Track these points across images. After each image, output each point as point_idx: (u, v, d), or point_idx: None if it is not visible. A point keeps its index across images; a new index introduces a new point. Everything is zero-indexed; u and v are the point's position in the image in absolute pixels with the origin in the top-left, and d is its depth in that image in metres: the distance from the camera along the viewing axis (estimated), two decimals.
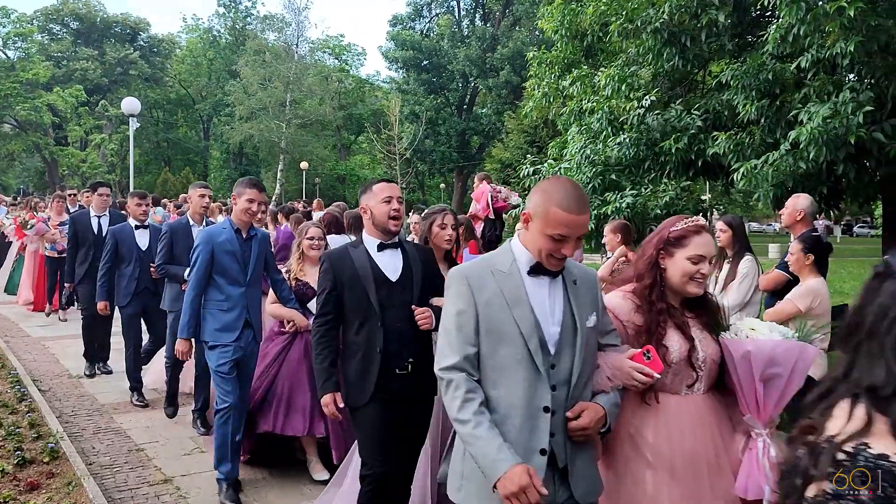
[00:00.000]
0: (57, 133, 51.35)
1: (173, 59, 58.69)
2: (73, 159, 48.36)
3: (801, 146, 5.99)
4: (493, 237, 9.40)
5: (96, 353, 8.05)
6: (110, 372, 7.99)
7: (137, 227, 7.00)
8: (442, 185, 54.74)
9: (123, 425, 6.26)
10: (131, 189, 21.22)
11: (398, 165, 36.88)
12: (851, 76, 6.69)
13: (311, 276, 5.06)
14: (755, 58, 6.77)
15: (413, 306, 3.55)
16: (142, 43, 55.79)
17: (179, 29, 65.67)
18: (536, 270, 2.40)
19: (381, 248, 3.59)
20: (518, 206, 8.75)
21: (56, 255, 11.06)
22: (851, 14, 5.51)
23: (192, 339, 4.84)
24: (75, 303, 11.03)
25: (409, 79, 47.06)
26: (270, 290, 5.28)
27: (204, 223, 6.50)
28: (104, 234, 7.62)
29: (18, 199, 22.06)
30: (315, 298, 4.16)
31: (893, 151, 5.91)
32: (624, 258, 6.31)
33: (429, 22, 49.98)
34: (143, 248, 6.90)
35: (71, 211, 12.34)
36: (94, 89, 51.88)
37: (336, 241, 7.55)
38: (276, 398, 5.04)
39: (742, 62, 6.90)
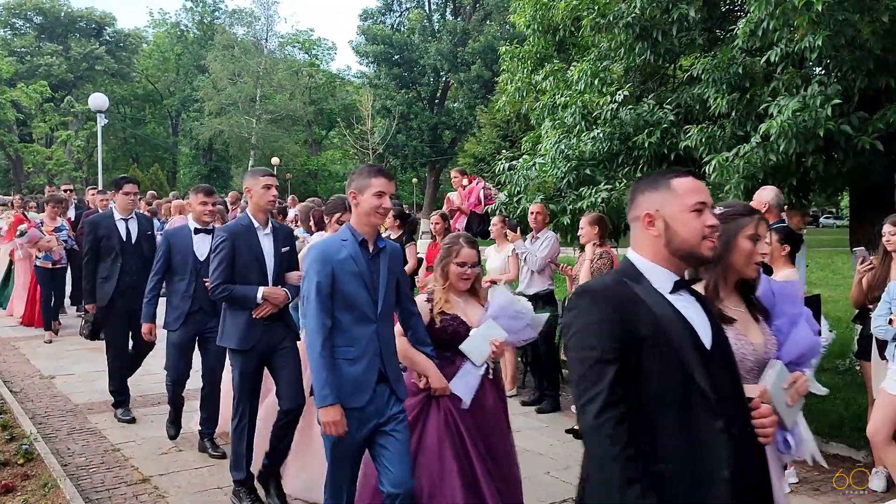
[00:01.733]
0: (21, 130, 50.37)
1: (140, 54, 57.89)
2: (39, 156, 47.52)
3: (771, 139, 6.08)
4: (481, 232, 9.44)
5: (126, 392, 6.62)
6: (133, 420, 6.38)
7: (198, 232, 5.52)
8: (414, 180, 54.65)
9: (98, 425, 6.20)
10: (100, 187, 20.88)
11: (370, 160, 36.73)
12: (819, 70, 6.80)
13: (460, 309, 3.93)
14: (725, 52, 6.85)
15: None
16: (108, 38, 54.94)
17: (146, 23, 64.69)
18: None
19: None
20: (500, 202, 8.78)
21: (51, 266, 9.80)
22: (819, 9, 5.60)
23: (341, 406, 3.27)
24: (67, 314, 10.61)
25: (380, 73, 46.83)
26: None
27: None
28: (134, 241, 6.41)
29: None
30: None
31: (861, 143, 6.02)
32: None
33: (399, 16, 49.76)
34: (202, 259, 5.41)
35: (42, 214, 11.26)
36: (59, 85, 50.98)
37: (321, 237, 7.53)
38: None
39: (713, 56, 6.97)
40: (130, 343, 6.58)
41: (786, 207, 6.30)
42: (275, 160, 44.42)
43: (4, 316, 11.62)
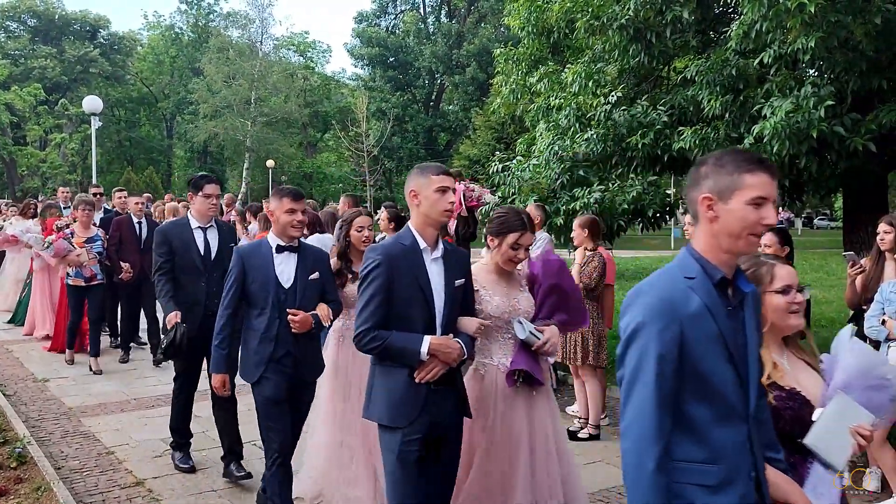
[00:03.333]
0: (15, 133, 50.18)
1: (135, 57, 57.75)
2: (33, 159, 47.31)
3: (764, 140, 6.11)
4: (467, 235, 9.42)
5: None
6: (192, 469, 5.26)
7: (281, 250, 4.08)
8: None
9: (92, 428, 6.18)
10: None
11: (366, 163, 36.75)
12: (812, 72, 6.83)
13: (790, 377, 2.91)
14: (719, 54, 6.88)
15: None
16: (102, 40, 54.80)
17: (141, 26, 64.59)
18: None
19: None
20: (490, 204, 8.77)
21: (84, 284, 8.11)
22: (812, 10, 5.63)
23: None
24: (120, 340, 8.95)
25: (375, 76, 46.90)
26: None
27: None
28: (214, 256, 5.04)
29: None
30: None
31: (854, 145, 6.05)
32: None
33: (394, 19, 49.84)
34: (286, 285, 4.05)
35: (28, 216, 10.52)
36: (54, 88, 50.84)
37: (317, 240, 7.53)
38: None
39: (706, 58, 7.00)
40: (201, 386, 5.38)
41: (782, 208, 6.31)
42: (270, 163, 44.44)
43: (23, 334, 10.13)
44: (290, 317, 3.97)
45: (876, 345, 4.83)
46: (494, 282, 3.54)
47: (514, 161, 9.13)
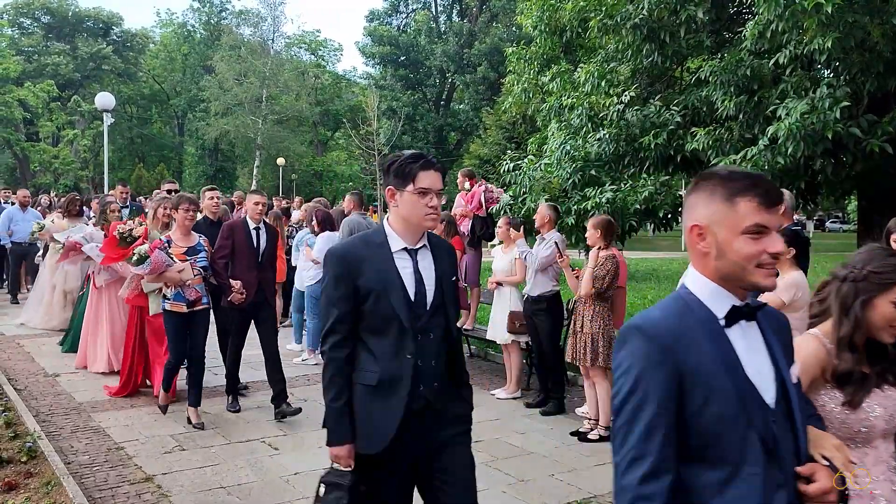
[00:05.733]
0: (28, 129, 50.54)
1: (147, 54, 58.01)
2: (45, 155, 47.63)
3: (779, 141, 6.06)
4: (484, 235, 9.43)
5: None
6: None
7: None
8: None
9: (102, 424, 6.19)
10: (106, 186, 20.92)
11: (376, 161, 36.78)
12: (828, 72, 6.78)
13: None
14: (733, 54, 6.83)
15: None
16: (115, 38, 55.09)
17: (153, 23, 64.85)
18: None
19: None
20: (502, 202, 8.75)
21: (186, 311, 5.99)
22: (829, 11, 5.58)
23: None
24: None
25: (386, 74, 46.92)
26: None
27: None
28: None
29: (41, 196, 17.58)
30: None
31: (870, 146, 6.00)
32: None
33: (406, 17, 49.87)
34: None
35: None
36: (66, 84, 51.14)
37: (327, 238, 7.53)
38: None
39: (720, 58, 6.95)
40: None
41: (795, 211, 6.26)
42: (280, 160, 44.56)
43: (76, 366, 8.02)
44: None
45: None
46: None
47: (526, 160, 9.11)
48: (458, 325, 8.42)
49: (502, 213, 8.49)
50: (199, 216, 6.84)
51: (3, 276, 13.70)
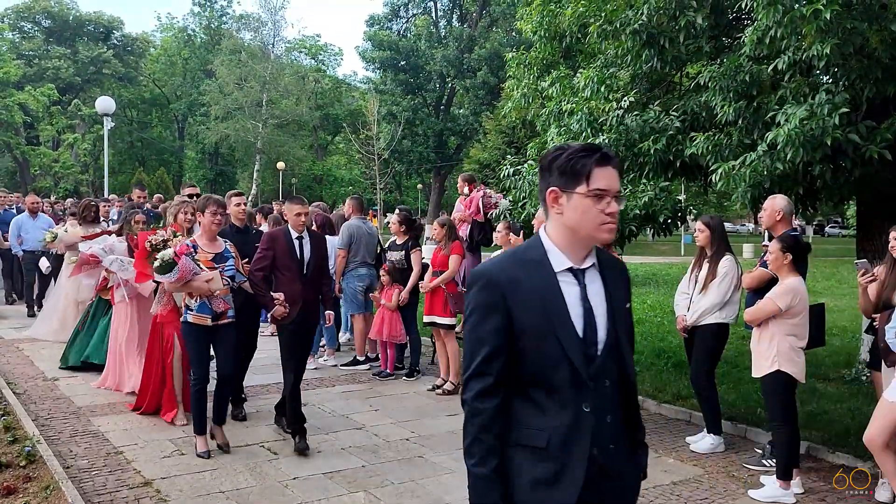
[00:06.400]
0: (28, 132, 50.61)
1: (147, 59, 58.18)
2: (46, 159, 47.71)
3: (778, 147, 6.05)
4: (482, 241, 9.44)
5: None
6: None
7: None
8: (419, 186, 54.74)
9: (101, 428, 6.18)
10: (106, 190, 20.90)
11: (376, 166, 36.82)
12: (827, 78, 6.78)
13: None
14: (732, 60, 6.83)
15: None
16: (115, 42, 55.24)
17: (154, 28, 65.24)
18: None
19: None
20: (502, 207, 8.75)
21: (210, 324, 5.53)
22: (827, 17, 5.58)
23: None
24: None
25: (386, 79, 47.01)
26: None
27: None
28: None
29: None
30: None
31: (868, 152, 5.99)
32: None
33: (406, 22, 49.96)
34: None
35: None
36: (67, 88, 51.25)
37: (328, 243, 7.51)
38: None
39: (719, 64, 6.95)
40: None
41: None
42: (280, 165, 44.65)
43: (98, 386, 7.43)
44: None
45: (889, 351, 4.79)
46: None
47: (526, 165, 9.11)
48: (458, 329, 8.43)
49: (502, 217, 8.49)
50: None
51: (15, 287, 13.08)
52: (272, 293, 5.67)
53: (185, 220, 6.36)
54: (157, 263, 5.43)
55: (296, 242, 5.82)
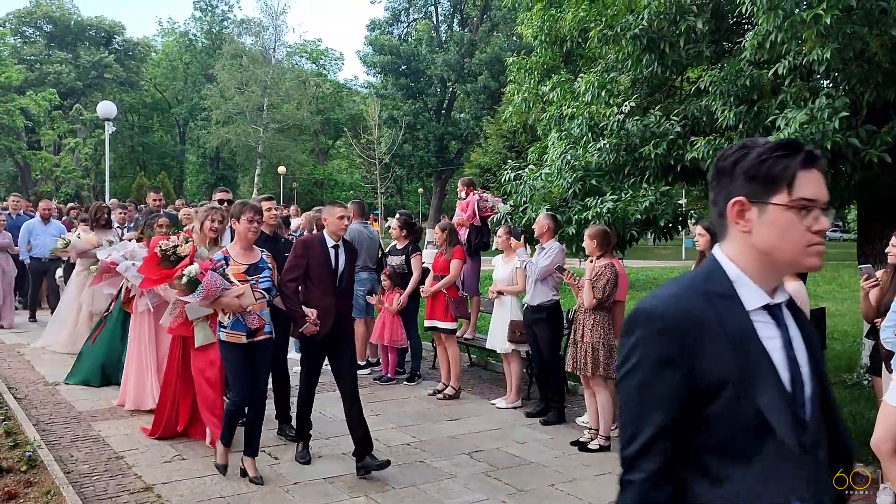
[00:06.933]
0: (30, 137, 50.66)
1: (149, 63, 58.23)
2: (47, 164, 47.72)
3: None
4: (480, 245, 9.44)
5: None
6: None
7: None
8: (420, 190, 54.76)
9: (102, 433, 6.19)
10: (107, 195, 20.91)
11: (377, 170, 36.85)
12: (827, 83, 6.79)
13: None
14: (733, 64, 6.84)
15: None
16: (117, 46, 55.29)
17: (155, 32, 65.32)
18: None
19: None
20: (501, 212, 8.76)
21: (245, 341, 5.17)
22: (827, 22, 5.59)
23: None
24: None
25: (387, 83, 46.99)
26: None
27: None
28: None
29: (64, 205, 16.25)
30: None
31: (868, 156, 6.00)
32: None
33: (407, 27, 49.96)
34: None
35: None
36: (68, 93, 51.31)
37: None
38: None
39: (720, 68, 6.96)
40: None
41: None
42: (281, 169, 44.70)
43: (117, 403, 7.01)
44: None
45: (890, 355, 4.79)
46: None
47: (526, 170, 9.12)
48: (458, 334, 8.40)
49: (503, 222, 8.49)
50: None
51: (22, 294, 12.62)
52: (303, 308, 5.31)
53: (211, 228, 5.77)
54: (182, 280, 5.06)
55: (331, 251, 5.40)
